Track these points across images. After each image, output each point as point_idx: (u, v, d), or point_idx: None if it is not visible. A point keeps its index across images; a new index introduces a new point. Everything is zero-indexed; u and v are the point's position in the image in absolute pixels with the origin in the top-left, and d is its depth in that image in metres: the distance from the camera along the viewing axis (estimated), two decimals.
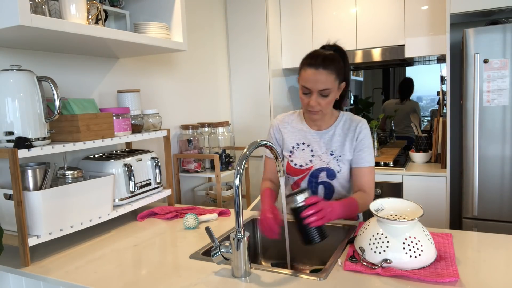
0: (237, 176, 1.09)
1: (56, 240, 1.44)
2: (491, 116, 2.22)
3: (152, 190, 1.80)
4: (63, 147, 1.39)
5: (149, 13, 1.95)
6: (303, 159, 1.54)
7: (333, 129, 1.52)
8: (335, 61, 1.37)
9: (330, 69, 1.35)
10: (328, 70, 1.35)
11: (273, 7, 3.03)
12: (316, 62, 1.35)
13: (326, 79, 1.35)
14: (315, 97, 1.38)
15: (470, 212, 2.33)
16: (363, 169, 1.47)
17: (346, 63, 1.44)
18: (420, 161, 2.81)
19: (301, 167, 1.54)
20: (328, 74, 1.35)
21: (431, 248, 1.12)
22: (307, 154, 1.54)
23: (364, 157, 1.47)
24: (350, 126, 1.50)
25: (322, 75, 1.34)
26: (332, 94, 1.39)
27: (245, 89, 3.08)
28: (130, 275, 1.17)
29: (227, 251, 1.13)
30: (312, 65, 1.35)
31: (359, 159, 1.48)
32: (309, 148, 1.54)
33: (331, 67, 1.35)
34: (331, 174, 1.50)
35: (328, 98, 1.39)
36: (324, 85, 1.36)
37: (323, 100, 1.39)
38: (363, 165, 1.47)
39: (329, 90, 1.37)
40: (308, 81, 1.37)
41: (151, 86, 2.28)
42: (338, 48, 1.45)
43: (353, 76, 3.58)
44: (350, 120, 1.52)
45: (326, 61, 1.35)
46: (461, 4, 2.28)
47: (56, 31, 1.27)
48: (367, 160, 1.47)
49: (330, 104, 1.43)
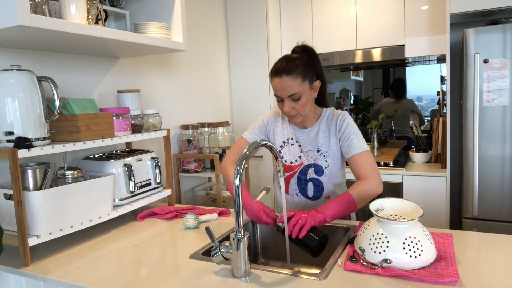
0: (237, 176, 1.09)
1: (56, 240, 1.44)
2: (491, 116, 2.22)
3: (152, 190, 1.80)
4: (63, 147, 1.39)
5: (149, 13, 1.95)
6: (292, 155, 1.56)
7: (317, 126, 1.54)
8: (299, 64, 1.39)
9: (294, 73, 1.38)
10: (291, 75, 1.38)
11: (273, 7, 3.03)
12: (279, 70, 1.39)
13: (292, 84, 1.38)
14: (287, 103, 1.42)
15: (470, 212, 2.33)
16: (356, 156, 1.45)
17: (316, 62, 1.47)
18: (420, 161, 2.81)
19: (291, 163, 1.56)
20: (293, 79, 1.38)
21: (431, 248, 1.12)
22: (296, 149, 1.56)
23: (354, 145, 1.47)
24: (332, 120, 1.52)
25: (287, 81, 1.38)
26: (304, 96, 1.42)
27: (245, 88, 3.08)
28: (130, 275, 1.17)
29: (227, 251, 1.13)
30: (277, 74, 1.40)
31: (349, 148, 1.48)
32: (297, 143, 1.56)
33: (295, 72, 1.38)
34: (319, 170, 1.53)
35: (300, 101, 1.42)
36: (291, 90, 1.39)
37: (297, 104, 1.42)
38: (355, 152, 1.46)
39: (298, 94, 1.40)
40: (276, 89, 1.42)
41: (151, 86, 2.28)
42: (306, 48, 1.48)
43: (353, 76, 3.59)
44: (332, 115, 1.54)
45: (289, 67, 1.38)
46: (461, 4, 2.28)
47: (56, 31, 1.27)
48: (357, 146, 1.46)
49: (305, 106, 1.44)
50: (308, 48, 1.48)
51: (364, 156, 1.45)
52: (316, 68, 1.46)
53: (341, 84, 3.61)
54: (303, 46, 1.49)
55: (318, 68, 1.47)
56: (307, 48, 1.48)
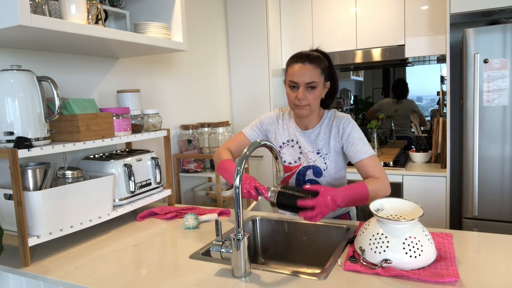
0: (237, 176, 1.09)
1: (56, 240, 1.44)
2: (491, 116, 2.22)
3: (152, 190, 1.80)
4: (63, 147, 1.39)
5: (149, 13, 1.95)
6: (292, 156, 1.58)
7: (319, 128, 1.55)
8: (320, 59, 1.46)
9: (315, 64, 1.44)
10: (313, 64, 1.43)
11: (273, 7, 3.03)
12: (302, 58, 1.45)
13: (312, 73, 1.43)
14: (302, 90, 1.44)
15: (470, 212, 2.33)
16: (364, 161, 1.47)
17: (331, 64, 1.52)
18: (420, 161, 2.81)
19: (290, 164, 1.58)
20: (314, 68, 1.43)
21: (431, 248, 1.12)
22: (296, 151, 1.58)
23: (359, 150, 1.48)
24: (334, 123, 1.53)
25: (309, 68, 1.43)
26: (319, 88, 1.45)
27: (245, 89, 3.08)
28: (130, 275, 1.17)
29: (227, 251, 1.13)
30: (299, 60, 1.44)
31: (355, 154, 1.49)
32: (297, 145, 1.58)
33: (317, 62, 1.44)
34: (318, 171, 1.53)
35: (315, 91, 1.44)
36: (311, 78, 1.42)
37: (310, 94, 1.44)
38: (362, 157, 1.47)
39: (316, 83, 1.43)
40: (295, 75, 1.44)
41: (151, 86, 2.28)
42: (321, 52, 1.53)
43: (353, 76, 3.58)
44: (333, 117, 1.56)
45: (311, 57, 1.44)
46: (461, 4, 2.28)
47: (56, 31, 1.27)
48: (363, 151, 1.48)
49: (317, 99, 1.47)
50: (323, 52, 1.53)
51: (374, 160, 1.48)
52: (330, 70, 1.50)
53: (341, 84, 3.58)
54: (319, 50, 1.53)
55: (332, 71, 1.52)
56: (323, 52, 1.53)
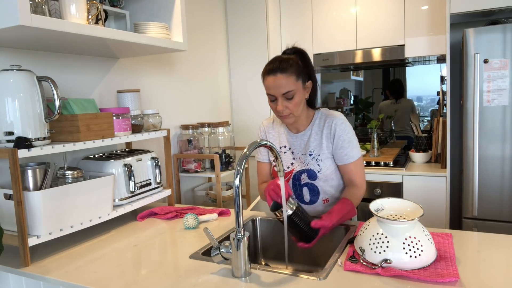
0: (237, 176, 1.09)
1: (56, 240, 1.44)
2: (491, 116, 2.22)
3: (152, 190, 1.80)
4: (63, 147, 1.39)
5: (149, 13, 1.95)
6: (284, 162, 1.58)
7: (310, 129, 1.55)
8: (292, 64, 1.41)
9: (288, 72, 1.39)
10: (286, 73, 1.38)
11: (273, 7, 3.03)
12: (273, 68, 1.40)
13: (286, 82, 1.39)
14: (281, 102, 1.41)
15: (470, 212, 2.33)
16: (349, 165, 1.50)
17: (308, 63, 1.48)
18: (420, 161, 2.81)
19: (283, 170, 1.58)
20: (287, 77, 1.38)
21: (431, 248, 1.12)
22: (288, 157, 1.58)
23: (347, 153, 1.49)
24: (325, 122, 1.52)
25: (281, 79, 1.38)
26: (298, 95, 1.42)
27: (245, 89, 3.08)
28: (130, 275, 1.17)
29: (227, 251, 1.13)
30: (270, 72, 1.40)
31: (342, 156, 1.50)
32: (290, 151, 1.58)
33: (289, 70, 1.39)
34: (312, 175, 1.53)
35: (294, 100, 1.42)
36: (286, 88, 1.39)
37: (290, 103, 1.42)
38: (348, 161, 1.50)
39: (292, 92, 1.40)
40: (270, 88, 1.41)
41: (151, 86, 2.28)
42: (297, 50, 1.49)
43: (353, 76, 3.58)
44: (325, 116, 1.54)
45: (283, 65, 1.39)
46: (461, 4, 2.28)
47: (56, 31, 1.27)
48: (350, 155, 1.49)
49: (298, 105, 1.44)
50: (299, 50, 1.49)
51: (357, 165, 1.51)
52: (308, 69, 1.47)
53: (341, 84, 3.61)
54: (294, 48, 1.50)
55: (310, 69, 1.48)
56: (298, 50, 1.49)
